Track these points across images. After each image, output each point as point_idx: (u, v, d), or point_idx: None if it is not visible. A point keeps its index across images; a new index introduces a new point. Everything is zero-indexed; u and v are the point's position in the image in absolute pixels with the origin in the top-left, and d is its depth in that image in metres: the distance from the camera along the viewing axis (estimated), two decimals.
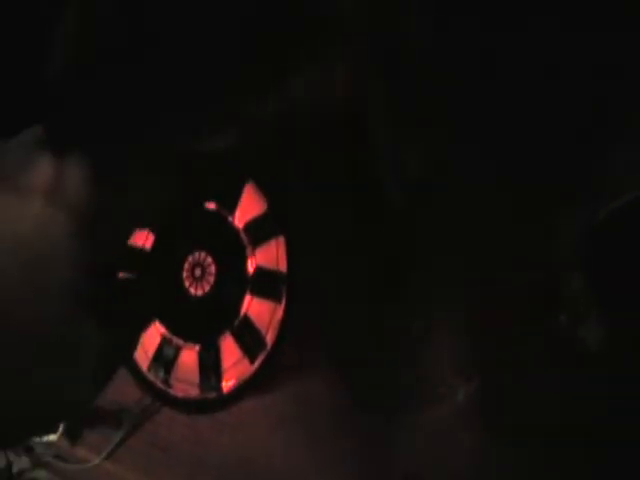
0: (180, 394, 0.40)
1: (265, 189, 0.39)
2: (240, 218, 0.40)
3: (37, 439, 0.44)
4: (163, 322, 0.40)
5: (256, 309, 0.39)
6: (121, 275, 0.29)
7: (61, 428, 0.43)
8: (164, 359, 0.40)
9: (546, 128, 0.38)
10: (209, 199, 0.39)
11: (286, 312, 0.39)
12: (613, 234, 0.38)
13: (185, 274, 0.40)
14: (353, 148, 0.40)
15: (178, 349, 0.40)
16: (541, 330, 0.39)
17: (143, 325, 0.32)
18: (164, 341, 0.40)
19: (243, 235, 0.40)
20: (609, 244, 0.38)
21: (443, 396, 0.41)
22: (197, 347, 0.40)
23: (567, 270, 0.39)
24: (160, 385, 0.40)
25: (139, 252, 0.40)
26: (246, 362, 0.39)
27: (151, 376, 0.40)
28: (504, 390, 0.40)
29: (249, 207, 0.40)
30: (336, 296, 0.41)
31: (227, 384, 0.39)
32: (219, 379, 0.39)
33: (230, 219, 0.40)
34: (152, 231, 0.40)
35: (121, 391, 0.43)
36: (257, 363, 0.39)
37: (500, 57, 0.38)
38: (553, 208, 0.40)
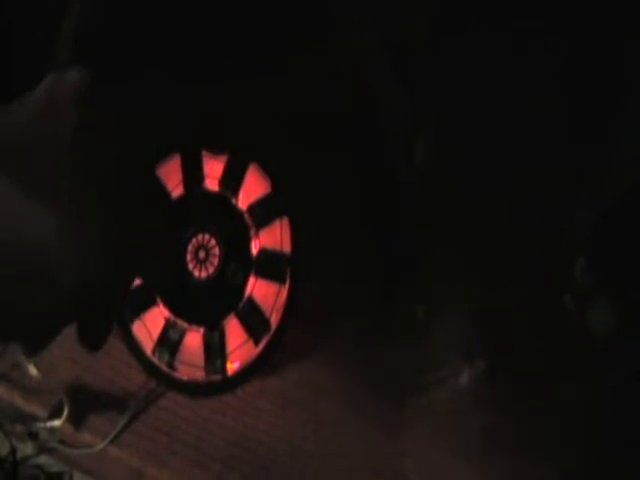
0: (185, 377, 0.40)
1: (269, 170, 0.39)
2: (244, 200, 0.40)
3: (41, 424, 0.44)
4: (167, 305, 0.40)
5: (261, 291, 0.39)
6: None
7: (65, 413, 0.43)
8: (169, 342, 0.39)
9: (549, 119, 0.38)
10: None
11: (290, 294, 0.39)
12: (619, 219, 0.38)
13: (189, 257, 0.39)
14: (362, 130, 0.40)
15: (183, 332, 0.40)
16: (547, 313, 0.40)
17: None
18: (168, 324, 0.40)
19: (247, 217, 0.39)
20: (615, 229, 0.38)
21: (447, 378, 0.41)
22: (202, 330, 0.39)
23: (572, 254, 0.39)
24: (165, 369, 0.40)
25: None
26: (251, 344, 0.39)
27: (155, 360, 0.40)
28: (509, 372, 0.40)
29: (253, 188, 0.39)
30: (341, 278, 0.41)
31: (232, 366, 0.39)
32: (224, 362, 0.39)
33: (234, 201, 0.40)
34: None
35: (125, 375, 0.43)
36: (261, 345, 0.39)
37: (502, 59, 0.38)
38: (557, 195, 0.40)
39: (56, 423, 0.44)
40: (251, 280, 0.39)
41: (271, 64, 0.42)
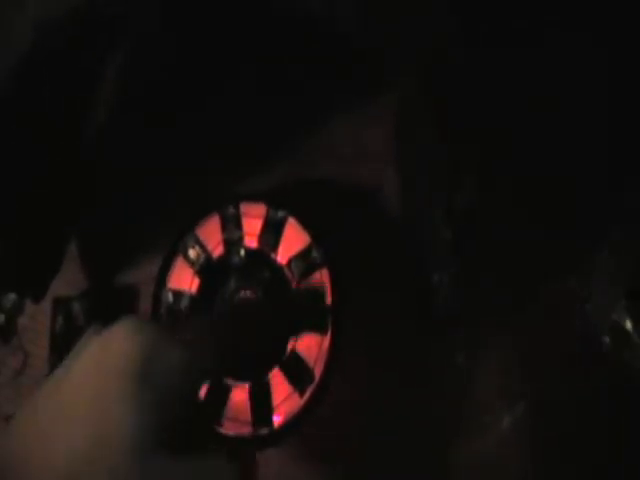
0: (232, 432, 0.40)
1: (307, 223, 0.40)
2: (283, 254, 0.41)
3: None
4: None
5: (303, 343, 0.40)
6: None
7: None
8: (215, 399, 0.40)
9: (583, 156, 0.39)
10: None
11: (332, 343, 0.39)
12: None
13: None
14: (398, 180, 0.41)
15: (229, 388, 0.40)
16: (582, 353, 0.40)
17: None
18: (214, 382, 0.40)
19: (287, 271, 0.40)
20: None
21: (489, 424, 0.40)
22: (247, 385, 0.40)
23: (611, 292, 0.39)
24: (212, 425, 0.40)
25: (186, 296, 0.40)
26: (296, 396, 0.39)
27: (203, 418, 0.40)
28: (550, 415, 0.40)
29: (292, 242, 0.40)
30: (382, 326, 0.42)
31: (278, 419, 0.40)
32: (270, 415, 0.39)
33: (273, 256, 0.41)
34: (198, 274, 0.40)
35: None
36: (306, 396, 0.39)
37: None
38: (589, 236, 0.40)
39: None
40: None
41: None
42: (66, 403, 0.24)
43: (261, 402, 0.40)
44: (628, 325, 0.38)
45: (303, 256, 0.40)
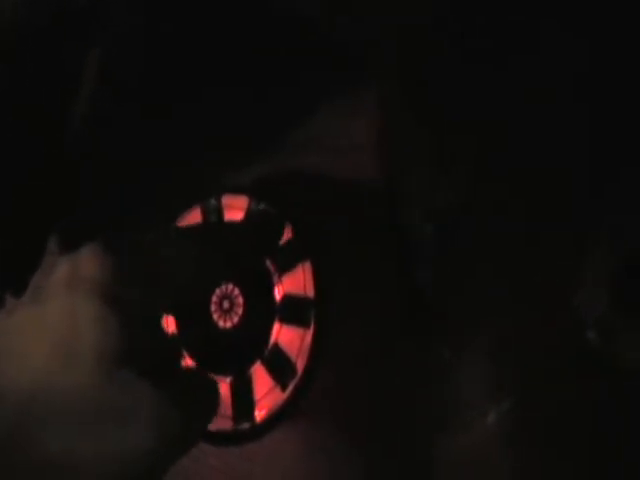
0: (212, 427, 0.39)
1: (289, 215, 0.40)
2: None
3: None
4: (193, 357, 0.40)
5: (286, 336, 0.39)
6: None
7: None
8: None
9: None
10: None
11: (315, 337, 0.39)
12: None
13: (213, 307, 0.39)
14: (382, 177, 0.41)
15: None
16: (571, 349, 0.39)
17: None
18: None
19: (269, 263, 0.40)
20: None
21: (474, 419, 0.40)
22: (229, 379, 0.39)
23: (597, 288, 0.39)
24: None
25: None
26: (278, 390, 0.39)
27: None
28: (537, 410, 0.40)
29: None
30: (366, 319, 0.41)
31: (260, 414, 0.39)
32: (252, 409, 0.39)
33: None
34: None
35: None
36: (288, 391, 0.39)
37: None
38: (582, 230, 0.40)
39: None
40: (276, 326, 0.39)
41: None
42: (35, 324, 0.25)
43: (242, 396, 0.39)
44: (617, 318, 0.38)
45: (285, 248, 0.40)
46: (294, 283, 0.39)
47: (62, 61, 0.39)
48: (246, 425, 0.39)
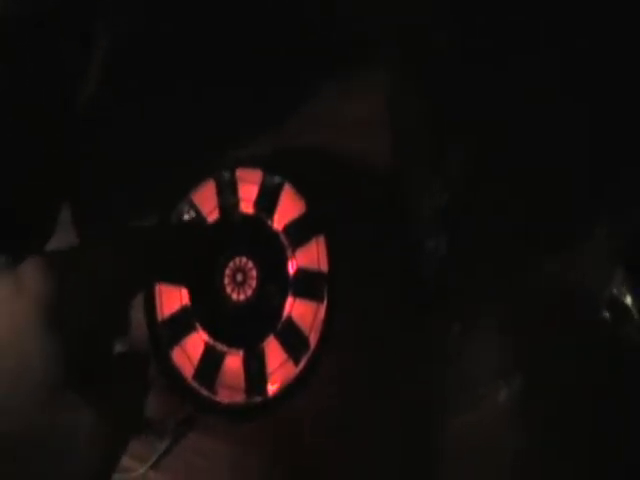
0: (225, 400, 0.40)
1: (303, 189, 0.39)
2: (279, 221, 0.40)
3: None
4: (206, 330, 0.40)
5: (299, 310, 0.39)
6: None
7: None
8: (209, 366, 0.39)
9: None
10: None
11: (328, 312, 0.39)
12: None
13: (227, 280, 0.39)
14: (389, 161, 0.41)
15: (222, 355, 0.39)
16: (581, 327, 0.39)
17: (145, 396, 0.31)
18: (208, 348, 0.40)
19: (283, 237, 0.40)
20: None
21: (485, 397, 0.40)
22: (241, 352, 0.39)
23: (609, 267, 0.39)
24: (205, 392, 0.40)
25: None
26: (290, 364, 0.39)
27: (195, 384, 0.40)
28: (547, 389, 0.39)
29: (288, 209, 0.40)
30: (373, 298, 0.41)
31: (272, 387, 0.39)
32: (264, 383, 0.39)
33: (269, 222, 0.40)
34: None
35: (164, 399, 0.43)
36: (301, 365, 0.39)
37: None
38: (592, 207, 0.40)
39: None
40: (289, 300, 0.39)
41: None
42: None
43: (255, 370, 0.39)
44: (627, 299, 0.38)
45: (299, 223, 0.39)
46: (308, 257, 0.39)
47: (62, 61, 0.39)
48: (258, 399, 0.39)
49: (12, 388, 0.25)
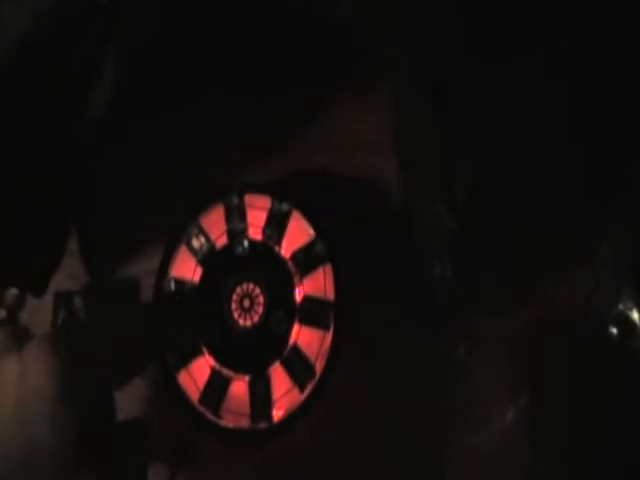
0: (231, 425, 0.40)
1: (311, 217, 0.39)
2: (287, 247, 0.40)
3: None
4: (213, 354, 0.40)
5: (305, 338, 0.39)
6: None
7: None
8: (215, 391, 0.40)
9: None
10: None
11: (334, 340, 0.39)
12: None
13: (234, 305, 0.40)
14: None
15: (228, 380, 0.40)
16: (588, 344, 0.39)
17: (146, 464, 0.32)
18: (214, 373, 0.40)
19: (290, 264, 0.40)
20: None
21: (493, 417, 0.40)
22: (247, 378, 0.39)
23: (617, 284, 0.38)
24: (210, 417, 0.40)
25: (187, 285, 0.40)
26: (296, 391, 0.39)
27: (201, 408, 0.40)
28: (554, 408, 0.39)
29: (296, 236, 0.40)
30: (382, 318, 0.41)
31: (277, 413, 0.39)
32: (270, 409, 0.39)
33: (277, 249, 0.40)
34: (201, 264, 0.40)
35: (172, 423, 0.43)
36: (306, 392, 0.39)
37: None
38: (599, 223, 0.40)
39: None
40: (295, 327, 0.39)
41: None
42: None
43: (261, 396, 0.39)
44: (635, 315, 0.37)
45: (307, 250, 0.40)
46: (315, 285, 0.39)
47: (77, 55, 0.39)
48: (264, 424, 0.39)
49: (24, 476, 0.25)
